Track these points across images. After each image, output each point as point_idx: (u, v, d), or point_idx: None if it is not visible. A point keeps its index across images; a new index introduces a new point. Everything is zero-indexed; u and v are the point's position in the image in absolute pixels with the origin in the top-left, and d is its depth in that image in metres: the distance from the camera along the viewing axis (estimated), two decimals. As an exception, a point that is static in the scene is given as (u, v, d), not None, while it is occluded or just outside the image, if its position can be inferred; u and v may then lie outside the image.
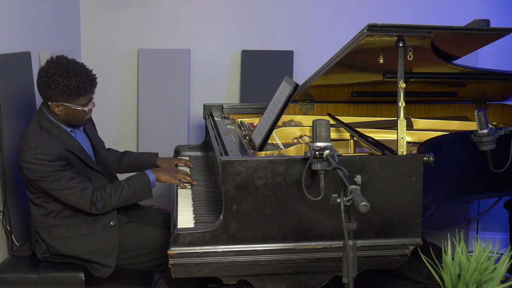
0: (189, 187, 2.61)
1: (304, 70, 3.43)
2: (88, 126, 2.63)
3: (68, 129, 2.48)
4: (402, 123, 2.20)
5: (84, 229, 2.45)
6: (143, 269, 2.56)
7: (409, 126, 2.96)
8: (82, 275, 2.40)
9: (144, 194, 2.51)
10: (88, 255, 2.44)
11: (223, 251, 2.06)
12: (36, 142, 2.33)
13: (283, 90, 2.55)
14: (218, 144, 2.44)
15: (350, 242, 1.65)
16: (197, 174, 2.81)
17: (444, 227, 3.54)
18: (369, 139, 2.42)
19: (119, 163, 2.88)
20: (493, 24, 2.50)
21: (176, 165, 2.88)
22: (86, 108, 2.43)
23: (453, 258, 2.00)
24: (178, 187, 2.60)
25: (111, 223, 2.48)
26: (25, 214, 2.70)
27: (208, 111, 3.19)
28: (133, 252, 2.47)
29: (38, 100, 3.00)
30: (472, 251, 1.99)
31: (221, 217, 2.06)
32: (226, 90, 3.74)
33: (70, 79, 2.34)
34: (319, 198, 1.94)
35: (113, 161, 2.84)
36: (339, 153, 2.00)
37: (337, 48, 2.45)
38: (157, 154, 2.95)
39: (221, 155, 2.22)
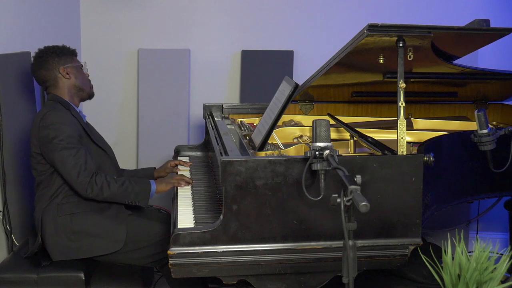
0: (189, 185, 2.62)
1: (304, 70, 3.44)
2: (89, 125, 2.72)
3: (78, 109, 2.63)
4: (402, 123, 2.20)
5: (93, 205, 2.49)
6: (145, 264, 2.56)
7: (409, 126, 2.96)
8: (82, 275, 2.40)
9: (141, 198, 2.52)
10: (97, 228, 2.46)
11: (223, 251, 2.06)
12: (53, 109, 2.50)
13: (283, 90, 2.55)
14: (218, 144, 2.44)
15: (350, 242, 1.65)
16: (197, 174, 2.81)
17: (444, 227, 3.54)
18: (369, 139, 2.42)
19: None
20: (493, 24, 2.50)
21: (172, 167, 2.89)
22: (83, 64, 2.68)
23: (453, 258, 2.00)
24: (178, 187, 2.60)
25: (116, 203, 2.53)
26: (25, 214, 2.70)
27: (208, 111, 3.19)
28: (137, 244, 2.49)
29: (38, 99, 3.01)
30: (472, 251, 1.99)
31: (221, 217, 2.06)
32: (226, 90, 3.74)
33: (56, 46, 2.66)
34: (319, 198, 1.94)
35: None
36: (339, 153, 2.00)
37: (337, 48, 2.45)
38: (154, 168, 2.98)
39: (221, 155, 2.22)
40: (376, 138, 2.47)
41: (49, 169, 2.49)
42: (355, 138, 2.61)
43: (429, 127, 2.99)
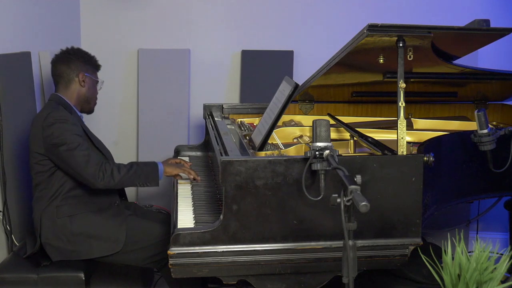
0: (189, 185, 2.62)
1: (304, 70, 3.43)
2: (86, 128, 2.71)
3: (79, 114, 2.67)
4: (402, 123, 2.20)
5: (92, 206, 2.51)
6: (145, 265, 2.56)
7: (409, 126, 2.96)
8: (82, 275, 2.40)
9: (151, 179, 2.53)
10: (97, 230, 2.47)
11: (223, 251, 2.06)
12: (55, 110, 2.52)
13: (283, 90, 2.55)
14: (218, 144, 2.44)
15: (350, 242, 1.65)
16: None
17: (444, 227, 3.54)
18: (369, 139, 2.42)
19: None
20: (493, 24, 2.50)
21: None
22: (98, 80, 2.75)
23: (453, 258, 2.00)
24: (178, 186, 2.60)
25: (116, 203, 2.59)
26: (25, 214, 2.70)
27: (208, 111, 3.19)
28: (137, 244, 2.49)
29: (38, 99, 3.01)
30: (472, 251, 1.99)
31: (221, 217, 2.06)
32: (226, 90, 3.74)
33: (88, 53, 2.74)
34: (319, 198, 1.94)
35: None
36: (339, 153, 2.00)
37: (337, 48, 2.45)
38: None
39: (221, 155, 2.22)
40: (376, 138, 2.47)
41: (48, 170, 2.49)
42: (355, 138, 2.61)
43: (429, 127, 2.99)
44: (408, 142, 2.46)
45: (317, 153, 1.93)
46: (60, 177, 2.49)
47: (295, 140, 2.80)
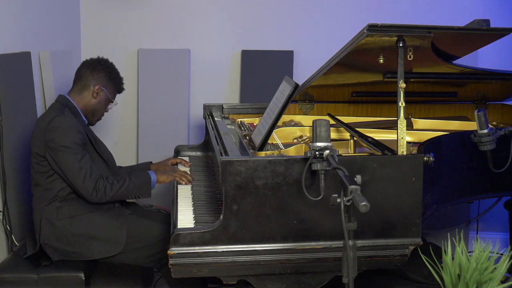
0: (189, 185, 2.62)
1: (304, 70, 3.43)
2: (93, 133, 2.73)
3: (84, 119, 2.67)
4: (402, 123, 2.20)
5: (92, 207, 2.51)
6: (145, 264, 2.57)
7: (409, 126, 2.96)
8: (82, 275, 2.40)
9: (143, 191, 2.56)
10: (97, 231, 2.47)
11: (223, 251, 2.06)
12: (61, 114, 2.51)
13: (283, 90, 2.55)
14: (218, 144, 2.44)
15: (350, 242, 1.65)
16: (197, 174, 2.81)
17: (444, 227, 3.54)
18: (369, 139, 2.42)
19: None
20: (493, 24, 2.50)
21: (172, 164, 2.91)
22: (113, 101, 2.74)
23: (453, 258, 2.00)
24: (178, 186, 2.61)
25: (115, 206, 2.59)
26: (25, 214, 2.70)
27: (208, 111, 3.19)
28: (137, 244, 2.50)
29: (38, 100, 3.01)
30: (472, 251, 1.99)
31: (221, 217, 2.06)
32: (226, 90, 3.74)
33: (117, 72, 2.76)
34: (319, 198, 1.94)
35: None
36: (339, 153, 2.00)
37: (337, 48, 2.45)
38: (150, 162, 3.00)
39: (221, 155, 2.22)
40: (376, 138, 2.47)
41: (48, 171, 2.49)
42: (355, 138, 2.61)
43: (429, 127, 2.99)
44: (408, 142, 2.46)
45: (317, 153, 1.93)
46: (61, 180, 2.49)
47: (295, 140, 2.80)
